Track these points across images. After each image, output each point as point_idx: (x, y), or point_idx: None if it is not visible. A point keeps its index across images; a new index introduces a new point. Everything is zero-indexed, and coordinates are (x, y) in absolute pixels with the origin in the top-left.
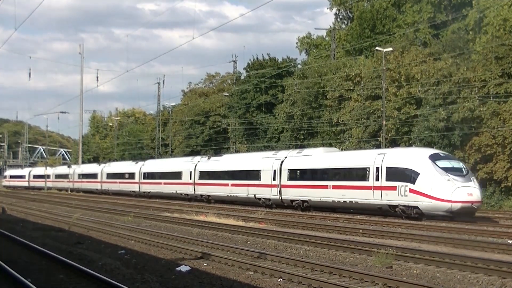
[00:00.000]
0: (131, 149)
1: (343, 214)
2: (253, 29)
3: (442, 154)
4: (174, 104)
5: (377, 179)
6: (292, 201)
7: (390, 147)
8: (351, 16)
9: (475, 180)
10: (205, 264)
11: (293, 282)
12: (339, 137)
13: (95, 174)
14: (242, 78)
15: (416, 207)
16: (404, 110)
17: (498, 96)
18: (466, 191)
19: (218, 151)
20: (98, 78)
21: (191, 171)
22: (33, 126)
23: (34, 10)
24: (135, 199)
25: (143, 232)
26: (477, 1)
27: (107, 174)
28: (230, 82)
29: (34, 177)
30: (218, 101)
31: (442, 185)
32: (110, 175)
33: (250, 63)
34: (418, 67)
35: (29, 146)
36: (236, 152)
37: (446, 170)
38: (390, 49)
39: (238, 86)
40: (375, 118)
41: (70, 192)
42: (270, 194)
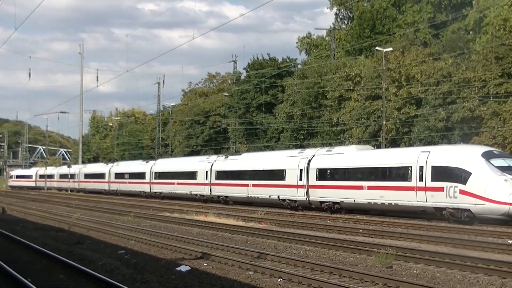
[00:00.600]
0: (131, 149)
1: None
2: (253, 29)
3: (496, 152)
4: (174, 104)
5: (420, 179)
6: (321, 202)
7: (434, 145)
8: (351, 16)
9: None
10: (205, 264)
11: (293, 282)
12: (339, 137)
13: (103, 174)
14: (242, 78)
15: (467, 210)
16: (404, 110)
17: (498, 96)
18: None
19: (218, 151)
20: (98, 78)
21: (207, 171)
22: (33, 126)
23: (34, 10)
24: (135, 199)
25: (143, 232)
26: (477, 1)
27: (116, 174)
28: (230, 82)
29: (41, 177)
30: (218, 101)
31: (499, 186)
32: (119, 175)
33: (250, 63)
34: (418, 67)
35: (29, 146)
36: (236, 152)
37: (502, 169)
38: (390, 49)
39: (238, 86)
40: (375, 118)
41: (70, 192)
42: (296, 195)
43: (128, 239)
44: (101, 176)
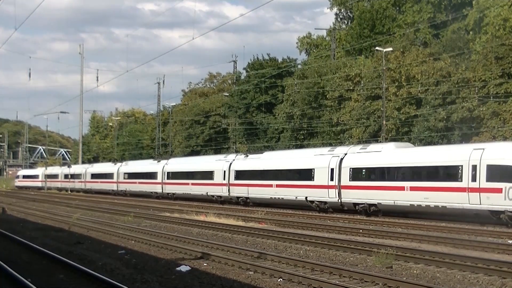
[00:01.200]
0: (131, 149)
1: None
2: (253, 29)
3: None
4: (174, 104)
5: (473, 179)
6: (355, 204)
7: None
8: (351, 16)
9: None
10: (205, 264)
11: (293, 282)
12: (339, 137)
13: (111, 174)
14: (242, 78)
15: None
16: (404, 110)
17: (498, 96)
18: None
19: (218, 151)
20: (98, 78)
21: (225, 171)
22: (33, 126)
23: (34, 10)
24: (135, 200)
25: (143, 232)
26: (477, 1)
27: (125, 173)
28: (230, 82)
29: (48, 176)
30: (218, 101)
31: None
32: (128, 175)
33: (250, 63)
34: (418, 67)
35: (29, 146)
36: (236, 152)
37: None
38: (390, 49)
39: (238, 86)
40: (375, 118)
41: (70, 192)
42: (327, 196)
43: (128, 239)
44: (109, 176)
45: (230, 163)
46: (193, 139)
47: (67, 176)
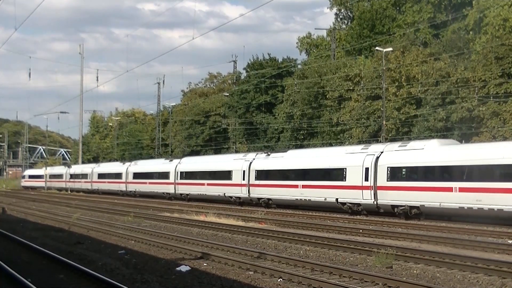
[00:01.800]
0: (131, 149)
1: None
2: (253, 29)
3: None
4: (174, 104)
5: None
6: (393, 207)
7: None
8: (352, 16)
9: None
10: (205, 264)
11: (293, 282)
12: (339, 137)
13: (119, 173)
14: (242, 78)
15: None
16: (404, 110)
17: (498, 96)
18: None
19: (218, 151)
20: (98, 78)
21: (244, 170)
22: (33, 126)
23: (34, 10)
24: (134, 199)
25: (143, 232)
26: (477, 1)
27: (134, 173)
28: (230, 82)
29: (51, 176)
30: (218, 101)
31: None
32: (138, 175)
33: (250, 63)
34: (418, 67)
35: (29, 146)
36: (236, 152)
37: None
38: (390, 49)
39: (238, 86)
40: (375, 118)
41: (70, 192)
42: (360, 198)
43: (128, 239)
44: (117, 176)
45: (250, 163)
46: (193, 139)
47: (73, 176)
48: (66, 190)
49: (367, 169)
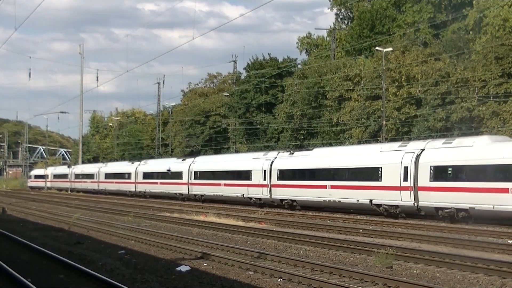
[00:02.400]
0: (131, 149)
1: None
2: (253, 29)
3: None
4: (174, 104)
5: None
6: (437, 209)
7: None
8: (351, 16)
9: None
10: (205, 264)
11: (293, 282)
12: (339, 137)
13: (128, 173)
14: (242, 78)
15: None
16: (404, 110)
17: (498, 96)
18: None
19: (218, 151)
20: (98, 78)
21: (265, 170)
22: (33, 126)
23: (34, 10)
24: (134, 199)
25: (143, 232)
26: (477, 1)
27: (144, 173)
28: (230, 82)
29: (54, 176)
30: (218, 101)
31: None
32: (148, 175)
33: (250, 63)
34: (418, 67)
35: (29, 146)
36: (236, 152)
37: None
38: (390, 49)
39: (238, 86)
40: (375, 118)
41: (70, 192)
42: (399, 199)
43: (128, 239)
44: (125, 176)
45: (272, 162)
46: (193, 139)
47: (78, 176)
48: (71, 190)
49: (406, 168)
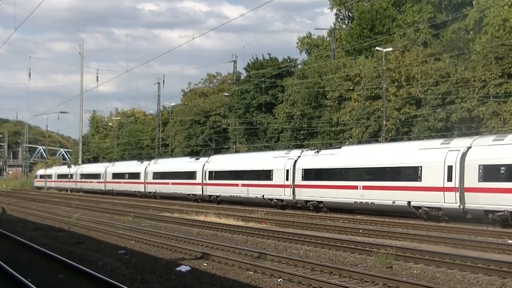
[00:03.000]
0: (131, 149)
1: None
2: (253, 29)
3: None
4: (174, 104)
5: None
6: (487, 212)
7: None
8: (351, 16)
9: None
10: (205, 264)
11: (293, 282)
12: (339, 137)
13: (137, 173)
14: (242, 78)
15: None
16: (404, 110)
17: (498, 96)
18: None
19: (218, 151)
20: (98, 78)
21: (288, 169)
22: (33, 126)
23: (34, 10)
24: (134, 199)
25: (143, 232)
26: (477, 1)
27: (154, 173)
28: (230, 82)
29: (60, 176)
30: (218, 101)
31: None
32: (159, 175)
33: (250, 63)
34: (418, 67)
35: (29, 146)
36: (236, 152)
37: None
38: (390, 49)
39: (238, 86)
40: (375, 118)
41: (70, 192)
42: (442, 201)
43: (128, 239)
44: (134, 175)
45: (295, 161)
46: (193, 139)
47: (84, 176)
48: (77, 191)
49: (450, 167)
